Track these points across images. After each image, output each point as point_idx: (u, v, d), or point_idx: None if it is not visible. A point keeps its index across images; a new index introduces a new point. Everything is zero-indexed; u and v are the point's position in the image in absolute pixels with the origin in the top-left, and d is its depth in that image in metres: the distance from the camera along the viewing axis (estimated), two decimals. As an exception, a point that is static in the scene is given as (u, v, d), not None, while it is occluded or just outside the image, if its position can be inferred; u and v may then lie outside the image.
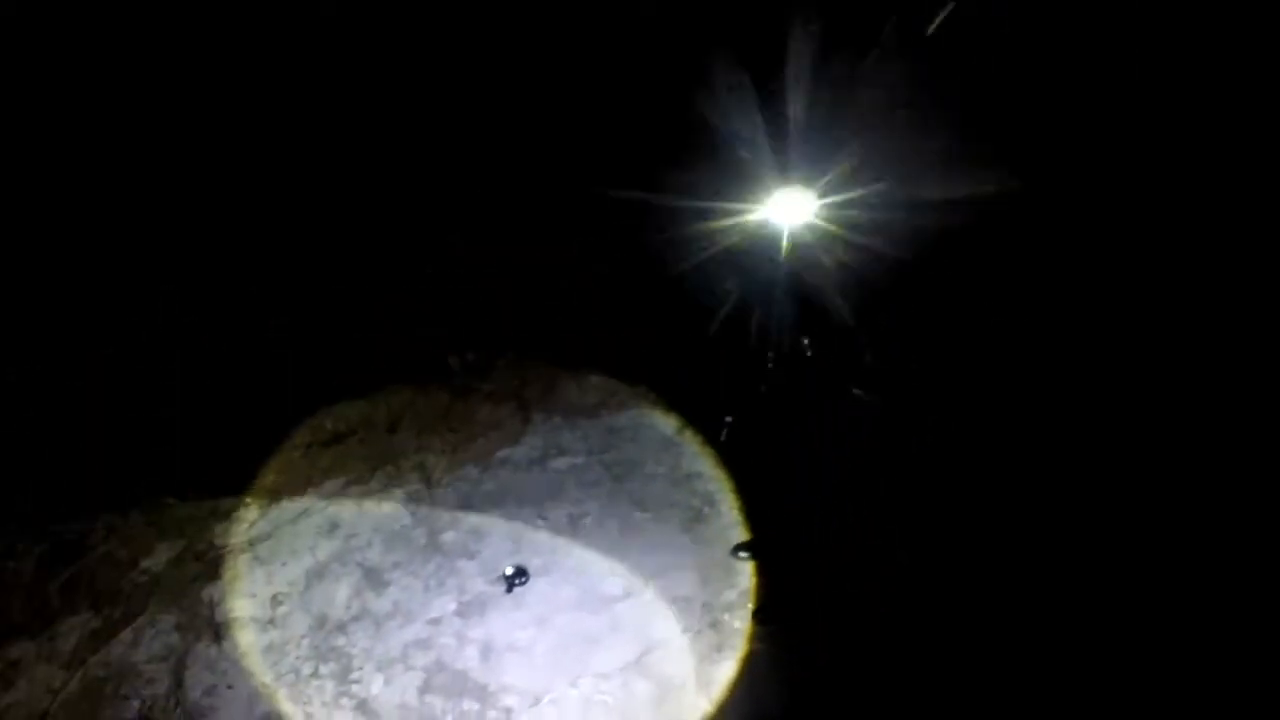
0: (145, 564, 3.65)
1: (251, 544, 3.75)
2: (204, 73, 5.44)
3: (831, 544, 3.58)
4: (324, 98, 5.82)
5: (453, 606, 3.45)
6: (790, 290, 3.94)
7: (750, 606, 3.38)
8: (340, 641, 3.28)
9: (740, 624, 3.31)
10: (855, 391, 3.95)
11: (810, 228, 3.83)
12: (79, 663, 3.21)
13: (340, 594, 3.51)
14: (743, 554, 3.66)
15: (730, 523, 3.86)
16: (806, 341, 3.55)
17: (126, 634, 3.34)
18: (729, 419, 3.99)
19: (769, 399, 4.04)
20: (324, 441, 4.40)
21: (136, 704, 3.07)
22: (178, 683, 3.14)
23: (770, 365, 4.03)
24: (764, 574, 3.52)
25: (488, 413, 4.70)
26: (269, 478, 4.13)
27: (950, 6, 3.72)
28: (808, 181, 3.87)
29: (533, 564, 3.66)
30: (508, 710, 2.97)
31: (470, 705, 2.99)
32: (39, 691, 3.12)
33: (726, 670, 3.10)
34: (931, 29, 3.78)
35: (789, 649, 3.17)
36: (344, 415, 4.56)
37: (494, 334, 5.42)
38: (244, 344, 5.09)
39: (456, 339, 5.33)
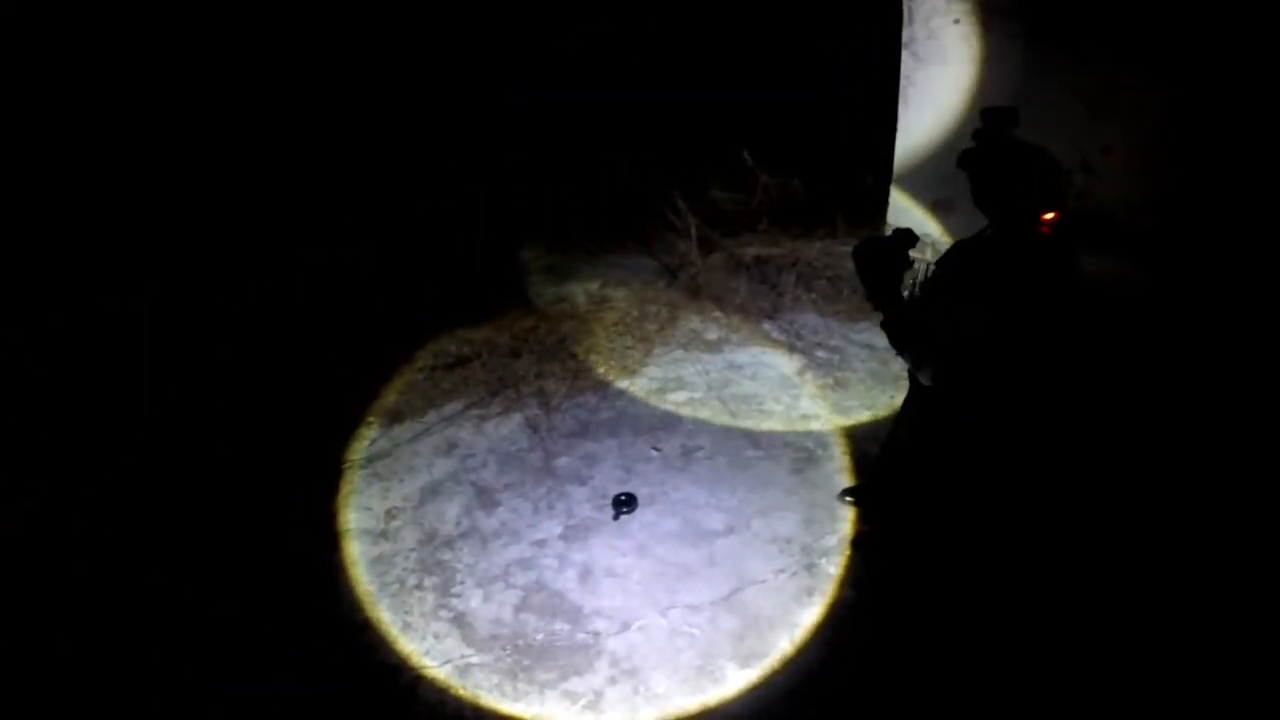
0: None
1: (370, 460, 3.90)
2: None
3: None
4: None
5: (558, 529, 3.46)
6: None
7: (848, 550, 3.22)
8: (446, 556, 3.35)
9: (835, 570, 3.14)
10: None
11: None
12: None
13: (451, 511, 3.59)
14: (849, 498, 3.47)
15: (840, 467, 3.68)
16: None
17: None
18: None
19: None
20: (447, 364, 4.50)
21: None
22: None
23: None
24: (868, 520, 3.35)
25: (609, 342, 4.66)
26: (391, 398, 4.28)
27: None
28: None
29: (641, 493, 3.61)
30: (596, 634, 2.94)
31: (561, 626, 2.99)
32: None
33: (814, 615, 2.95)
34: None
35: (879, 601, 3.00)
36: (468, 339, 4.65)
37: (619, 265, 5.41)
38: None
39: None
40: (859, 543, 3.26)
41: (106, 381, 4.35)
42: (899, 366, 4.12)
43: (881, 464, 3.26)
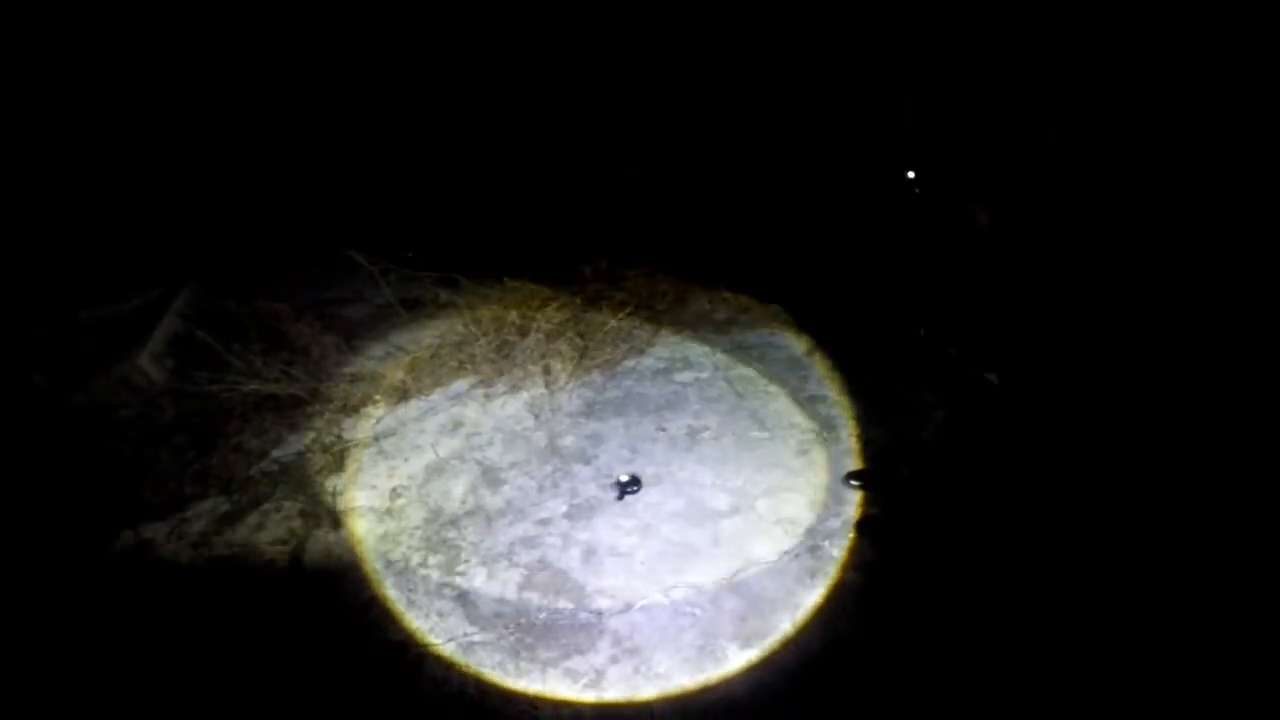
0: (275, 454, 3.89)
1: (377, 439, 3.91)
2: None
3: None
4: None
5: (563, 508, 3.46)
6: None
7: (852, 534, 3.21)
8: (451, 535, 3.37)
9: (839, 553, 3.14)
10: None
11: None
12: (205, 543, 3.46)
13: (456, 490, 3.60)
14: (854, 482, 3.46)
15: (847, 450, 3.66)
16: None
17: (253, 517, 3.57)
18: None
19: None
20: (454, 343, 4.50)
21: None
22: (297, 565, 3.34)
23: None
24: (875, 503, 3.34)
25: (617, 322, 4.64)
26: (398, 376, 4.28)
27: None
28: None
29: (646, 473, 3.60)
30: (599, 612, 2.95)
31: (564, 604, 3.00)
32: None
33: (816, 597, 2.95)
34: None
35: (883, 584, 2.99)
36: (474, 318, 4.64)
37: (627, 244, 5.38)
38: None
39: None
40: (863, 526, 3.26)
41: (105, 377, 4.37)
42: (907, 350, 4.10)
43: (888, 449, 3.25)
